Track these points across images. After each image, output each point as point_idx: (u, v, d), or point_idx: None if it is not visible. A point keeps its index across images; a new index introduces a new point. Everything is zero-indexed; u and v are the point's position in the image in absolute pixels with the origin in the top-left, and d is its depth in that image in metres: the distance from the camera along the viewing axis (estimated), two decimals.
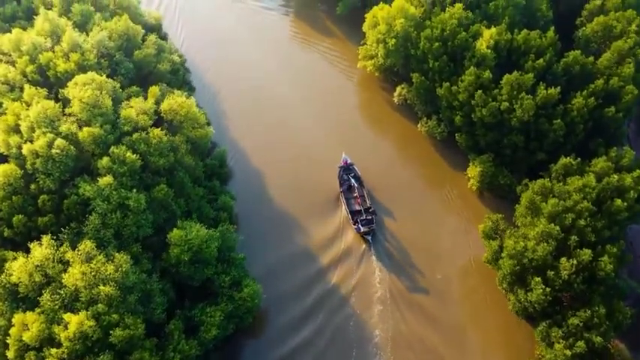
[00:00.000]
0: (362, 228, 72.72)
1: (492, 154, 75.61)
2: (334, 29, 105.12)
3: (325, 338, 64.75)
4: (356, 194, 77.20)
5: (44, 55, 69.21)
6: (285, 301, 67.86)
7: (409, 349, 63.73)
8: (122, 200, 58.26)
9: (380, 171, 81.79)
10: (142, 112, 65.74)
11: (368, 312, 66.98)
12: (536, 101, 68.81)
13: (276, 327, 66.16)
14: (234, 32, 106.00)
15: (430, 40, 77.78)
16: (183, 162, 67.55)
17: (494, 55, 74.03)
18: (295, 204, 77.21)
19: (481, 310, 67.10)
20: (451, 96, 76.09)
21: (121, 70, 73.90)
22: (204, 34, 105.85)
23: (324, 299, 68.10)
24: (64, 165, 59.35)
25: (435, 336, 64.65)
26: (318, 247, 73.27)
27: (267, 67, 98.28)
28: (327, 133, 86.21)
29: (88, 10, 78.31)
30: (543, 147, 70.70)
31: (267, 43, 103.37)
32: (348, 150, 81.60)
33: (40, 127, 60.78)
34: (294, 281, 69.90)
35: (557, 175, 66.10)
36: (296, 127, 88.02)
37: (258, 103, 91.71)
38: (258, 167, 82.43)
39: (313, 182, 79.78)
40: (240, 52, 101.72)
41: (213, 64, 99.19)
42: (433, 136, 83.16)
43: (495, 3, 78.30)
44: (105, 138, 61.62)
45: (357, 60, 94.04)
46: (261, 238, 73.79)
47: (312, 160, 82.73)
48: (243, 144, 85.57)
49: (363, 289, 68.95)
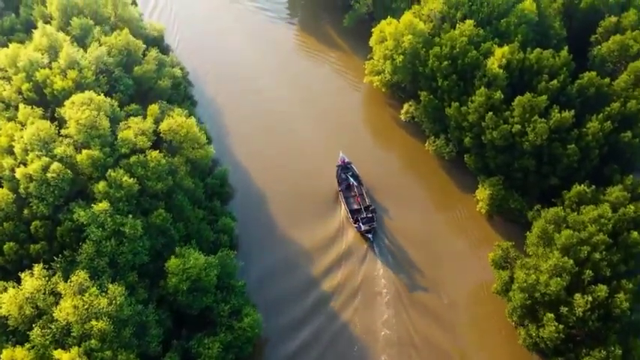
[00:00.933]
0: (362, 226, 71.97)
1: (502, 177, 72.96)
2: (340, 42, 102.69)
3: (325, 343, 64.21)
4: (355, 193, 76.83)
5: (41, 72, 67.09)
6: (283, 304, 67.36)
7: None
8: (117, 227, 56.10)
9: (387, 189, 79.36)
10: (141, 133, 63.55)
11: (371, 314, 66.35)
12: (549, 125, 66.14)
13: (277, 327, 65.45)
14: (237, 42, 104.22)
15: (439, 58, 75.23)
16: (183, 185, 65.30)
17: (506, 74, 71.37)
18: (296, 210, 76.23)
19: (489, 339, 64.61)
20: (460, 116, 73.53)
21: (120, 87, 71.79)
22: (201, 37, 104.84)
23: (325, 302, 67.59)
24: (59, 189, 57.23)
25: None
26: (319, 251, 72.49)
27: (269, 76, 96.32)
28: (331, 148, 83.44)
29: (88, 24, 76.19)
30: (556, 172, 68.01)
31: (269, 51, 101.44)
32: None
33: (34, 150, 58.69)
34: (294, 283, 69.39)
35: (571, 203, 63.44)
36: (298, 139, 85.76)
37: (261, 114, 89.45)
38: (259, 178, 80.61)
39: (315, 193, 78.44)
40: (241, 61, 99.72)
41: (212, 67, 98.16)
42: (441, 156, 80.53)
43: (507, 20, 75.65)
44: (104, 161, 59.48)
45: (363, 74, 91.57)
46: (259, 242, 73.36)
47: (313, 172, 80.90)
48: (245, 158, 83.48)
49: (366, 289, 68.64)
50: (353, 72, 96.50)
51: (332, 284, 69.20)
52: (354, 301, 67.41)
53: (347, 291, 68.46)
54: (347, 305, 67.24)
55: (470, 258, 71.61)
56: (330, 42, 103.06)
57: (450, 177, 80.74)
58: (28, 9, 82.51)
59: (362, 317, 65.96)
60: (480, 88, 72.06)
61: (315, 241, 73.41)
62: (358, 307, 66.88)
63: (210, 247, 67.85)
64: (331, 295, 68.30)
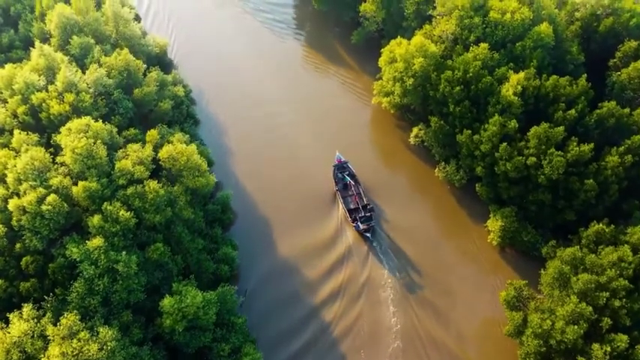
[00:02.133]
0: (361, 225, 71.60)
1: (515, 208, 69.88)
2: (348, 58, 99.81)
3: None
4: (352, 192, 76.44)
5: (37, 95, 64.78)
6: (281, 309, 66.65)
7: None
8: (111, 264, 53.53)
9: (393, 214, 76.44)
10: (139, 162, 61.00)
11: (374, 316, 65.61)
12: (566, 158, 63.02)
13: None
14: (240, 50, 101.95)
15: (451, 83, 72.22)
16: (182, 215, 62.64)
17: (521, 102, 68.28)
18: (301, 233, 74.17)
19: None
20: (472, 144, 70.51)
21: (120, 110, 69.41)
22: (198, 42, 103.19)
23: (327, 309, 66.92)
24: (54, 222, 54.87)
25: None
26: (318, 256, 71.85)
27: (273, 90, 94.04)
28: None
29: (88, 43, 73.79)
30: (573, 206, 64.96)
31: (274, 64, 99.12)
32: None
33: (28, 180, 56.28)
34: (289, 290, 68.67)
35: (589, 242, 60.35)
36: (302, 157, 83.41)
37: (264, 131, 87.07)
38: (262, 196, 78.51)
39: (321, 216, 76.42)
40: (245, 72, 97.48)
41: (213, 79, 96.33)
42: (451, 183, 77.51)
43: (522, 44, 72.46)
44: (101, 193, 56.96)
45: (371, 93, 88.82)
46: (258, 247, 72.68)
47: (317, 192, 78.70)
48: (248, 177, 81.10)
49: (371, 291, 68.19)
50: (361, 90, 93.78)
51: (330, 313, 67.13)
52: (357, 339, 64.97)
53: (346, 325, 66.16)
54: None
55: (480, 291, 68.38)
56: (337, 58, 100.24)
57: (460, 204, 77.67)
58: (27, 25, 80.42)
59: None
60: (493, 115, 69.02)
61: (321, 269, 70.99)
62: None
63: (210, 279, 65.55)
64: (329, 324, 66.18)
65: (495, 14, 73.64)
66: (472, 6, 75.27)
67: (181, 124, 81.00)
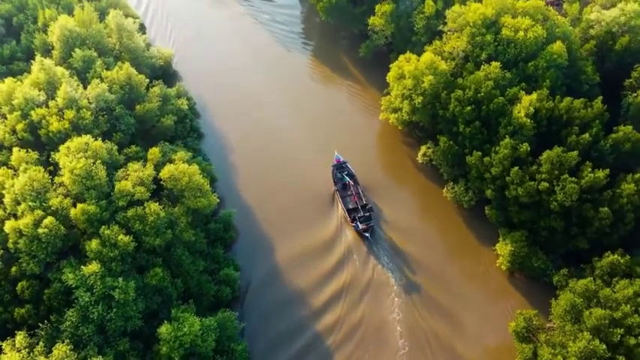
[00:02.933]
0: (360, 225, 71.42)
1: (525, 232, 67.76)
2: (355, 71, 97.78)
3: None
4: (351, 192, 76.21)
5: (37, 111, 63.36)
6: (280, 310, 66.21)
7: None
8: (107, 291, 51.93)
9: (402, 232, 74.58)
10: (139, 183, 59.45)
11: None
12: (580, 184, 60.90)
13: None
14: (245, 62, 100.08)
15: (462, 102, 70.23)
16: (183, 237, 60.98)
17: (533, 124, 66.20)
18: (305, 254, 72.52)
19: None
20: (482, 167, 68.45)
21: (121, 126, 67.90)
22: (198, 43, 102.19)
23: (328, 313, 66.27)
24: (51, 246, 53.40)
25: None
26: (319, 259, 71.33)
27: (278, 102, 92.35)
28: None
29: (90, 56, 72.30)
30: (586, 234, 62.74)
31: (280, 76, 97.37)
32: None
33: (26, 201, 54.80)
34: (289, 292, 68.20)
35: (602, 273, 58.25)
36: (306, 172, 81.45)
37: (268, 144, 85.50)
38: (264, 213, 76.70)
39: (318, 221, 75.54)
40: (249, 80, 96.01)
41: (215, 85, 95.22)
42: (459, 203, 75.45)
43: (535, 63, 70.30)
44: (100, 216, 55.41)
45: (378, 107, 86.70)
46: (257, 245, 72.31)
47: (320, 209, 77.00)
48: (252, 194, 79.13)
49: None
50: (368, 105, 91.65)
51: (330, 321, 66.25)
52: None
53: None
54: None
55: (487, 317, 66.41)
56: (344, 70, 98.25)
57: (467, 225, 75.44)
58: (29, 36, 79.02)
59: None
60: (504, 137, 66.98)
61: (322, 270, 70.36)
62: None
63: (211, 302, 63.93)
64: (332, 326, 65.55)
65: (508, 32, 71.55)
66: (484, 23, 73.17)
67: (184, 139, 79.52)
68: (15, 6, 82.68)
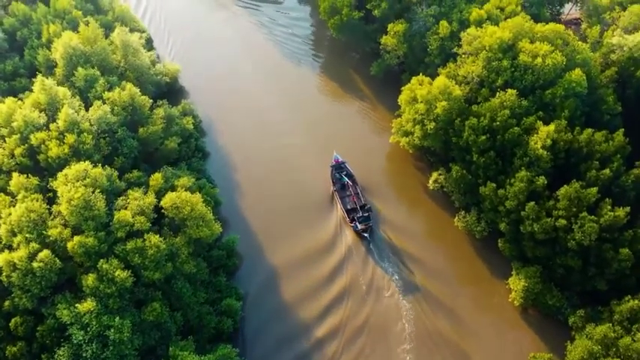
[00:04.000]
0: (359, 225, 71.42)
1: (540, 267, 65.03)
2: (365, 89, 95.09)
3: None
4: (350, 192, 76.19)
5: (36, 135, 61.38)
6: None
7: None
8: (103, 330, 49.88)
9: (408, 259, 72.22)
10: (139, 212, 57.33)
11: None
12: (599, 223, 58.11)
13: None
14: (252, 75, 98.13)
15: (476, 131, 67.58)
16: (183, 269, 58.82)
17: (551, 156, 63.45)
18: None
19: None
20: (496, 199, 65.79)
21: (123, 150, 65.82)
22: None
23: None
24: (45, 280, 51.45)
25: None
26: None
27: (285, 118, 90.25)
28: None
29: (93, 75, 70.22)
30: (605, 274, 59.94)
31: (287, 91, 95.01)
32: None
33: (23, 232, 52.89)
34: (290, 296, 68.52)
35: (622, 318, 55.43)
36: (312, 193, 79.38)
37: (274, 161, 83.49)
38: (270, 236, 74.97)
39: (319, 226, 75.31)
40: (256, 100, 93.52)
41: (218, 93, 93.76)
42: (471, 233, 72.79)
43: (553, 91, 67.41)
44: (98, 248, 53.40)
45: (388, 128, 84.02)
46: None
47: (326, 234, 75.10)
48: (256, 216, 77.29)
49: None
50: (378, 125, 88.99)
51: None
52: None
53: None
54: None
55: (498, 353, 63.69)
56: (354, 88, 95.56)
57: (479, 257, 72.61)
58: (32, 52, 77.12)
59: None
60: (520, 168, 64.31)
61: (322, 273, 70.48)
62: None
63: (212, 334, 61.80)
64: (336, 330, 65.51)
65: (525, 57, 68.71)
66: (500, 47, 70.41)
67: (189, 159, 77.44)
68: (19, 20, 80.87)
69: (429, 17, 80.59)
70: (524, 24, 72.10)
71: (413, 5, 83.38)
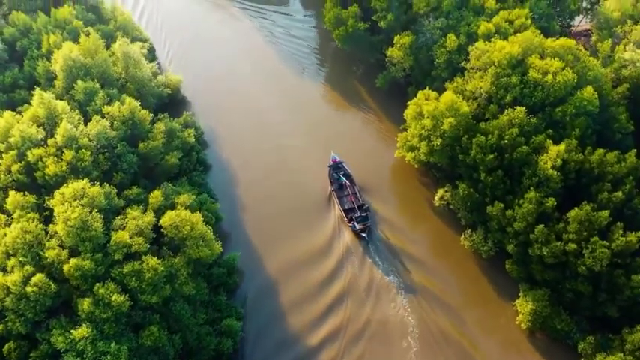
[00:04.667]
0: (357, 225, 71.51)
1: (548, 290, 63.34)
2: (370, 100, 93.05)
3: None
4: (348, 192, 76.25)
5: (34, 152, 60.02)
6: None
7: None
8: (98, 356, 48.52)
9: (414, 277, 70.87)
10: (138, 232, 55.93)
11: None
12: (611, 248, 56.36)
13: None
14: (256, 84, 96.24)
15: (483, 149, 65.90)
16: (182, 291, 57.36)
17: (561, 177, 61.70)
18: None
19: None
20: (504, 219, 64.11)
21: (123, 165, 64.44)
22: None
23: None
24: (40, 304, 50.13)
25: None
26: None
27: (288, 127, 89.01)
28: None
29: (93, 88, 68.84)
30: (616, 300, 58.16)
31: (291, 100, 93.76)
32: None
33: (18, 255, 51.60)
34: (290, 299, 68.66)
35: (633, 348, 53.71)
36: (313, 206, 78.07)
37: (277, 171, 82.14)
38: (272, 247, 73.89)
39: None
40: (260, 109, 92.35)
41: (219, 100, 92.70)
42: (477, 252, 71.09)
43: (563, 109, 65.61)
44: (95, 271, 52.03)
45: (393, 141, 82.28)
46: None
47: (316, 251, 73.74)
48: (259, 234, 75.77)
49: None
50: (383, 137, 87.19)
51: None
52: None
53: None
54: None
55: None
56: (359, 99, 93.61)
57: (485, 276, 70.92)
58: (32, 63, 75.80)
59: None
60: (528, 188, 62.65)
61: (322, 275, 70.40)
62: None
63: (211, 356, 60.39)
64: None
65: (535, 74, 66.95)
66: (509, 63, 68.68)
67: (190, 173, 76.00)
68: (19, 30, 79.56)
69: (436, 30, 78.90)
70: (534, 39, 70.36)
71: (420, 17, 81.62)
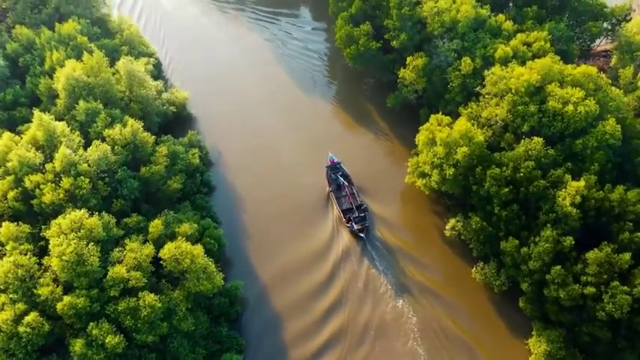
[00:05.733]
0: (355, 226, 71.52)
1: (564, 331, 60.36)
2: (380, 121, 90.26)
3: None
4: (346, 192, 76.32)
5: (31, 178, 58.00)
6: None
7: None
8: None
9: (418, 299, 68.97)
10: (136, 266, 53.68)
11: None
12: (633, 294, 53.35)
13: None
14: (262, 99, 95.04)
15: (498, 182, 63.02)
16: (181, 328, 55.05)
17: (580, 214, 58.70)
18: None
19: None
20: (519, 257, 61.21)
21: (123, 191, 62.23)
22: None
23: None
24: (32, 344, 48.05)
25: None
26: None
27: (294, 145, 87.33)
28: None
29: (95, 109, 66.78)
30: (636, 348, 55.11)
31: (298, 119, 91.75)
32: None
33: (9, 291, 49.51)
34: (290, 300, 68.43)
35: None
36: (319, 228, 75.87)
37: (284, 195, 79.54)
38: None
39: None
40: (266, 125, 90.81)
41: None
42: (489, 287, 68.20)
43: (584, 141, 62.54)
44: (90, 308, 49.86)
45: (404, 164, 79.40)
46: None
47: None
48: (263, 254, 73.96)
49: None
50: (393, 161, 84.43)
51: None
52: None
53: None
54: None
55: None
56: (369, 119, 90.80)
57: (497, 312, 68.00)
58: (34, 79, 73.88)
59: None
60: (545, 224, 59.69)
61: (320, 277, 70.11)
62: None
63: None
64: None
65: (555, 103, 63.92)
66: (527, 91, 65.74)
67: (193, 196, 73.64)
68: (22, 45, 77.72)
69: (451, 52, 76.01)
70: (554, 66, 67.28)
71: (434, 38, 78.77)
